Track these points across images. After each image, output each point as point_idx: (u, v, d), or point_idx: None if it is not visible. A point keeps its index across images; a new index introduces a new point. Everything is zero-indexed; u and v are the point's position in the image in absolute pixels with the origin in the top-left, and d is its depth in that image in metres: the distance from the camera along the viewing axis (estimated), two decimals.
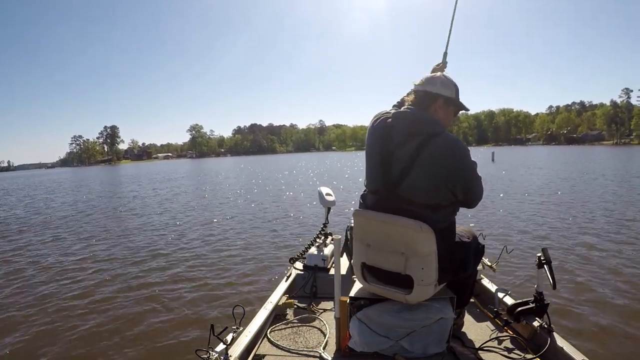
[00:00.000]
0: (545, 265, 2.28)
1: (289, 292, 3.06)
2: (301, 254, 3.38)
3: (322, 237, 3.54)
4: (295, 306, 2.86)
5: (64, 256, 7.94)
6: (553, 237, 7.28)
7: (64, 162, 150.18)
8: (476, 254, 2.30)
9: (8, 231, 11.16)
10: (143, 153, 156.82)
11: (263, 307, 2.71)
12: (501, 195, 13.34)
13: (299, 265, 3.33)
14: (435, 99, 1.93)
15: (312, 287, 3.08)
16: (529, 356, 2.13)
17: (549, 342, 2.10)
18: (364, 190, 2.12)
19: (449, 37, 2.60)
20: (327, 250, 3.34)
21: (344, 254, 3.24)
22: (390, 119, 1.91)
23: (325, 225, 3.55)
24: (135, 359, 3.83)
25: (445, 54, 2.52)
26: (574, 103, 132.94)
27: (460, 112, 2.12)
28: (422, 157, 1.78)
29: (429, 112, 1.93)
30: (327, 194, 3.47)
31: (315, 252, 3.31)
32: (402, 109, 1.97)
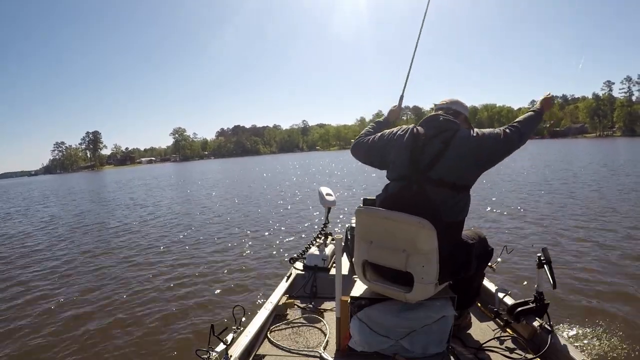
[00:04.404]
0: (545, 265, 2.30)
1: (289, 292, 3.07)
2: (301, 254, 3.39)
3: (322, 237, 3.55)
4: (296, 306, 2.87)
5: (62, 258, 7.91)
6: (553, 237, 7.12)
7: (47, 170, 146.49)
8: (481, 257, 2.34)
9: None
10: (126, 158, 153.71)
11: (263, 307, 2.71)
12: (497, 193, 12.71)
13: (299, 265, 3.34)
14: (459, 114, 2.33)
15: (312, 287, 3.09)
16: (529, 356, 2.15)
17: (549, 342, 2.11)
18: (385, 186, 2.24)
19: (404, 85, 2.81)
20: (328, 250, 3.35)
21: (344, 254, 3.25)
22: (419, 125, 2.24)
23: (325, 225, 3.57)
24: (136, 359, 3.82)
25: (401, 97, 2.78)
26: (556, 96, 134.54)
27: None
28: (452, 144, 2.08)
29: None
30: (327, 194, 3.48)
31: (316, 252, 3.31)
32: (431, 114, 2.30)
